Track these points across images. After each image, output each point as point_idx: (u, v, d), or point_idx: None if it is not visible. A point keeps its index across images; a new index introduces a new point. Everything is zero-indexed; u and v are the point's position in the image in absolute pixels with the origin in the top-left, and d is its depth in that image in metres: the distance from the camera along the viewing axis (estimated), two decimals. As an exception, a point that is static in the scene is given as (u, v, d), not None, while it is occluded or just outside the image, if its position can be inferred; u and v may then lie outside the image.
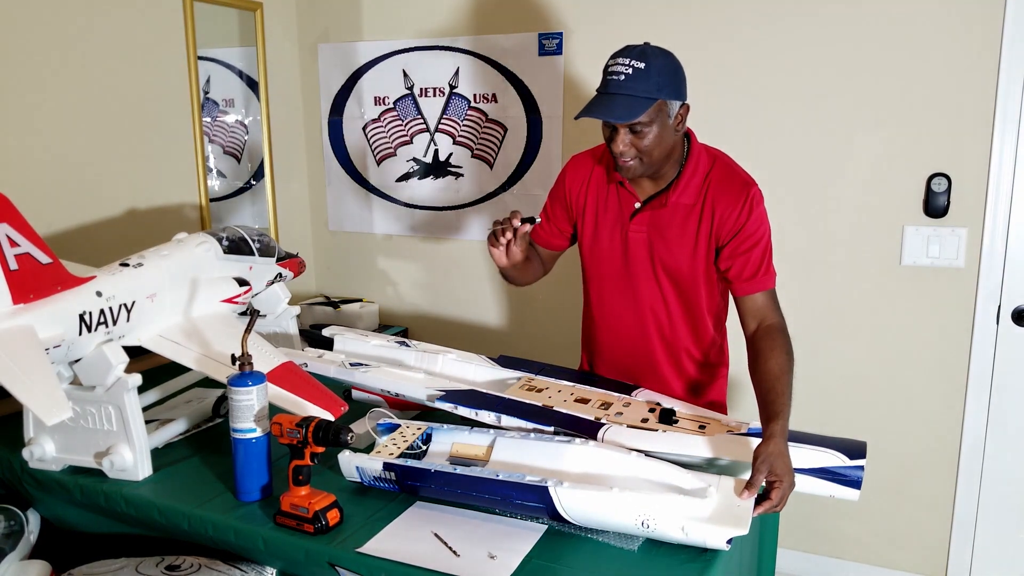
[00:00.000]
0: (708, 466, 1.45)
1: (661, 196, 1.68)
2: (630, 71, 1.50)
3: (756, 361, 1.59)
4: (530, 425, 1.54)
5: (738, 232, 1.64)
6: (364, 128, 2.98)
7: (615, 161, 1.61)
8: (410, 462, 1.42)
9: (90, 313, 1.46)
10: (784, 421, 1.41)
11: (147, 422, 1.62)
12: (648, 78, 1.51)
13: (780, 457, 1.34)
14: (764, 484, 1.32)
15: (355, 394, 1.91)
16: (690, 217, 1.67)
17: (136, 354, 1.60)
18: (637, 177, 1.65)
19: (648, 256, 1.72)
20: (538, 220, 1.67)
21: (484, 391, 1.68)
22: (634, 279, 1.75)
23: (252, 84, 2.83)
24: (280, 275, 2.03)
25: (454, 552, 1.27)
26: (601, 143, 1.73)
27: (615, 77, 1.52)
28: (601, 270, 1.79)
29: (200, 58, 2.57)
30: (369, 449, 1.52)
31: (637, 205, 1.71)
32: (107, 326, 1.50)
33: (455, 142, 2.85)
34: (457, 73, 2.79)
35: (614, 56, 1.55)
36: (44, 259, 1.40)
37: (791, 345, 1.61)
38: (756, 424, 1.48)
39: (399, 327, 3.02)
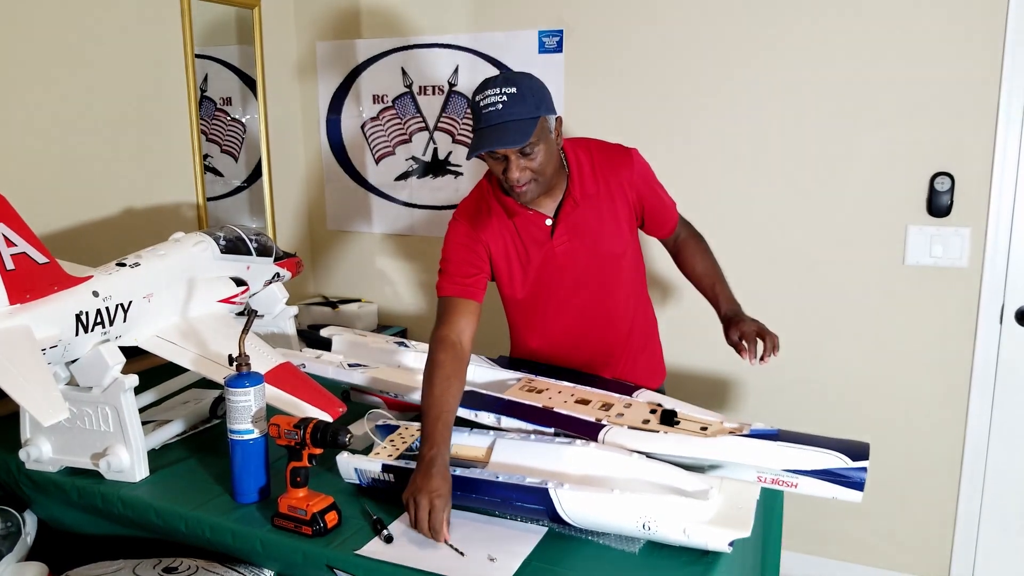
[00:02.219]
0: (709, 468, 1.44)
1: (567, 201, 1.70)
2: (505, 98, 1.52)
3: (685, 265, 1.89)
4: (530, 426, 1.53)
5: (644, 191, 1.75)
6: (362, 127, 2.97)
7: (511, 191, 1.61)
8: (409, 463, 1.41)
9: (87, 313, 1.45)
10: (728, 294, 1.79)
11: (144, 423, 1.61)
12: (524, 100, 1.52)
13: (748, 318, 1.69)
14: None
15: (353, 395, 1.90)
16: (601, 204, 1.72)
17: (133, 355, 1.59)
18: (534, 199, 1.65)
19: (583, 260, 1.73)
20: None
21: (484, 392, 1.67)
22: (578, 289, 1.75)
23: (250, 82, 2.81)
24: (278, 275, 2.02)
25: (459, 551, 1.26)
26: (468, 196, 1.77)
27: (493, 108, 1.52)
28: (541, 297, 1.77)
29: (198, 56, 2.55)
30: (368, 450, 1.51)
31: (549, 222, 1.71)
32: (104, 326, 1.49)
33: (454, 140, 2.84)
34: (456, 71, 2.77)
35: (480, 91, 1.56)
36: (40, 259, 1.39)
37: (705, 243, 1.90)
38: (758, 425, 1.47)
39: (398, 327, 3.00)
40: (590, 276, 1.75)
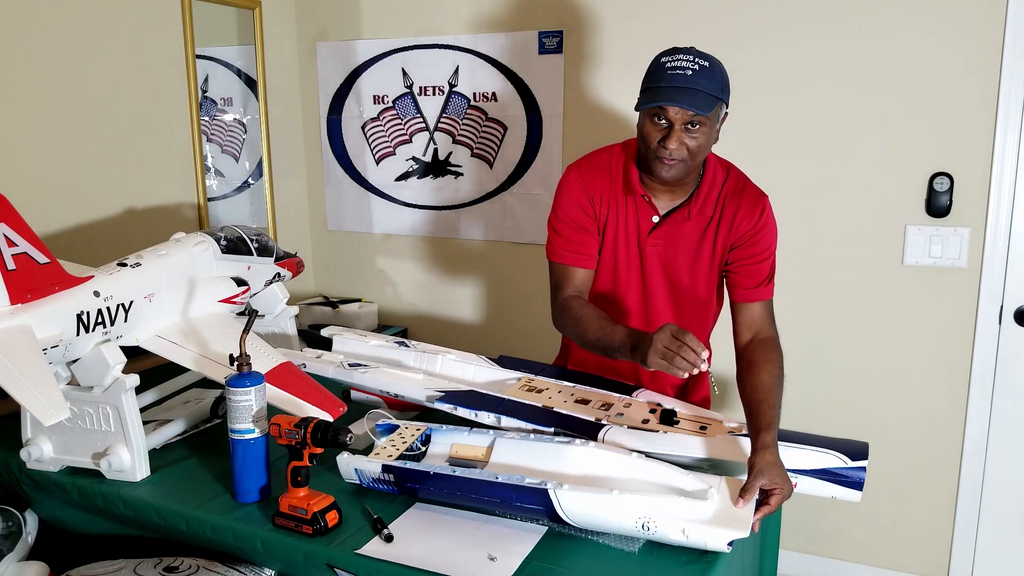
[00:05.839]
0: (709, 467, 1.44)
1: (683, 209, 1.62)
2: (696, 67, 1.46)
3: (749, 371, 1.56)
4: (530, 426, 1.54)
5: (750, 242, 1.63)
6: (363, 127, 2.97)
7: (654, 162, 1.53)
8: (409, 464, 1.41)
9: (88, 313, 1.45)
10: (775, 432, 1.40)
11: (145, 423, 1.61)
12: (714, 77, 1.48)
13: (777, 467, 1.34)
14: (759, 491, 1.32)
15: (354, 395, 1.90)
16: (707, 231, 1.64)
17: (134, 354, 1.59)
18: (674, 180, 1.56)
19: (664, 273, 1.68)
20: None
21: (484, 392, 1.67)
22: (648, 295, 1.71)
23: (251, 83, 2.82)
24: (278, 275, 2.02)
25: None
26: (595, 152, 1.70)
27: (681, 72, 1.46)
28: (615, 285, 1.72)
29: (198, 56, 2.56)
30: (368, 450, 1.51)
31: (656, 219, 1.64)
32: (105, 326, 1.50)
33: (454, 141, 2.84)
34: (456, 72, 2.78)
35: (670, 54, 1.50)
36: (42, 259, 1.39)
37: (783, 360, 1.59)
38: (757, 425, 1.47)
39: (398, 327, 3.01)
40: (660, 293, 1.69)
